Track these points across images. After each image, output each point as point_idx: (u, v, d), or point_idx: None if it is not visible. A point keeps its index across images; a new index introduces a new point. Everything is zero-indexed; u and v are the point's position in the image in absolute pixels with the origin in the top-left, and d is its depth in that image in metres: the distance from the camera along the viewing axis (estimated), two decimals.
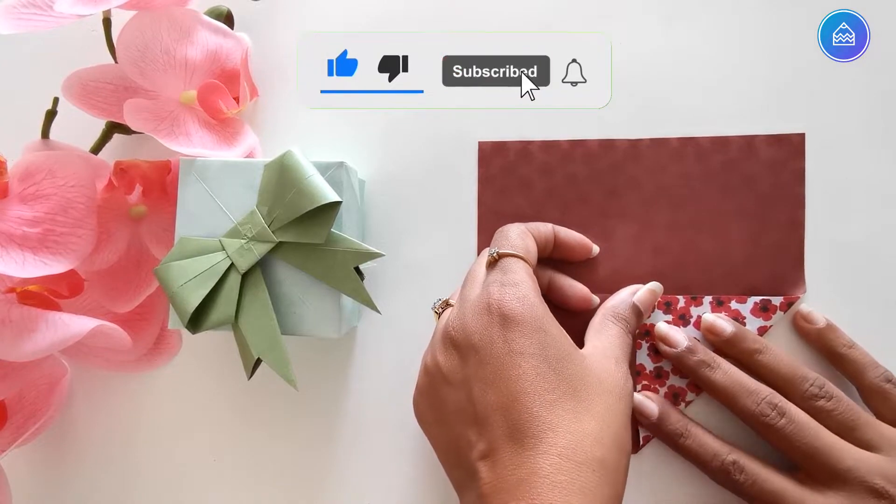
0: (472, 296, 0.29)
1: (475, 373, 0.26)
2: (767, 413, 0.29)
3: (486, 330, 0.27)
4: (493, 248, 0.29)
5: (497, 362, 0.26)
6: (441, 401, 0.28)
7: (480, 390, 0.26)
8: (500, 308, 0.27)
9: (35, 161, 0.31)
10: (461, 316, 0.28)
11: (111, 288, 0.34)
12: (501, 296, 0.27)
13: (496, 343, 0.26)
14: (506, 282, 0.28)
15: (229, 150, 0.33)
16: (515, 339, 0.26)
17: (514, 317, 0.26)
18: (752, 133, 0.33)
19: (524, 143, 0.35)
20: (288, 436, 0.35)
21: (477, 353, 0.27)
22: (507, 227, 0.31)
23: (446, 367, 0.28)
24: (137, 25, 0.32)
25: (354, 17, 0.36)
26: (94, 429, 0.36)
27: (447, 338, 0.28)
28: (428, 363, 0.29)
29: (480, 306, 0.27)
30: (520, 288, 0.27)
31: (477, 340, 0.27)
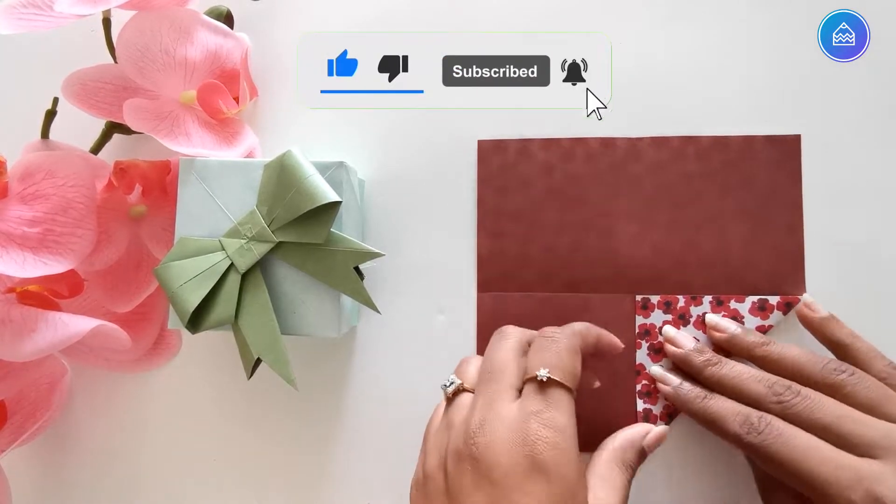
0: (504, 413, 0.25)
1: (480, 500, 0.24)
2: (781, 392, 0.27)
3: (513, 470, 0.24)
4: (542, 368, 0.26)
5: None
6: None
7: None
8: (535, 450, 0.24)
9: (35, 161, 0.31)
10: (487, 435, 0.25)
11: (111, 288, 0.34)
12: (541, 440, 0.24)
13: (518, 490, 0.23)
14: (549, 422, 0.24)
15: (229, 150, 0.33)
16: (540, 497, 0.23)
17: (547, 471, 0.24)
18: (752, 133, 0.33)
19: (524, 141, 0.35)
20: (288, 435, 0.35)
21: (493, 489, 0.24)
22: (559, 337, 0.27)
23: (453, 482, 0.25)
24: (137, 25, 0.32)
25: (354, 17, 0.36)
26: (94, 429, 0.36)
27: (467, 452, 0.25)
28: (433, 466, 0.26)
29: (515, 437, 0.24)
30: (564, 437, 0.24)
31: (498, 477, 0.24)
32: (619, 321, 0.33)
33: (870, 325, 0.32)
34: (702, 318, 0.33)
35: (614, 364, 0.33)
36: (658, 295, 0.33)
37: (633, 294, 0.33)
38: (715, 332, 0.32)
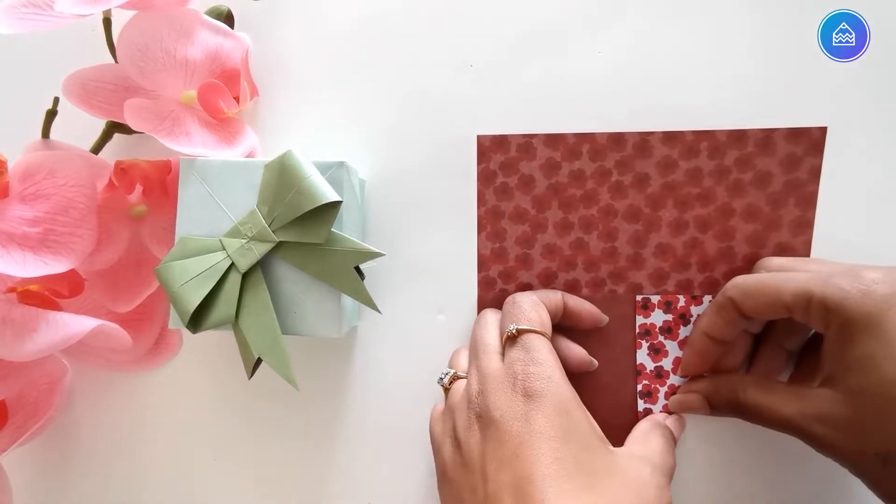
0: (492, 369, 0.28)
1: (493, 451, 0.26)
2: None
3: (509, 406, 0.26)
4: (510, 325, 0.29)
5: (516, 440, 0.25)
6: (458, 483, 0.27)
7: (495, 469, 0.25)
8: (525, 386, 0.26)
9: (35, 161, 0.31)
10: (482, 388, 0.27)
11: (112, 288, 0.34)
12: (526, 374, 0.27)
13: (517, 420, 0.26)
14: (529, 360, 0.27)
15: (229, 150, 0.33)
16: (538, 419, 0.25)
17: (538, 396, 0.26)
18: None
19: (527, 136, 0.34)
20: (288, 435, 0.35)
21: (497, 429, 0.26)
22: (518, 298, 0.31)
23: (466, 447, 0.27)
24: (138, 25, 0.32)
25: (355, 16, 0.36)
26: (94, 428, 0.36)
27: (474, 413, 0.27)
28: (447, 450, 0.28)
29: (504, 382, 0.27)
30: (545, 367, 0.27)
31: (498, 416, 0.26)
32: (620, 321, 0.33)
33: None
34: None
35: (615, 364, 0.33)
36: (658, 295, 0.33)
37: (633, 294, 0.33)
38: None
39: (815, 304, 0.26)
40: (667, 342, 0.33)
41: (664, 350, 0.33)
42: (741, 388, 0.29)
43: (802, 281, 0.27)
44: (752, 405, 0.29)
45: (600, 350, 0.33)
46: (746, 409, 0.29)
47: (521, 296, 0.31)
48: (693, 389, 0.32)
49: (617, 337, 0.33)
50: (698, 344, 0.31)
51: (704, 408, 0.31)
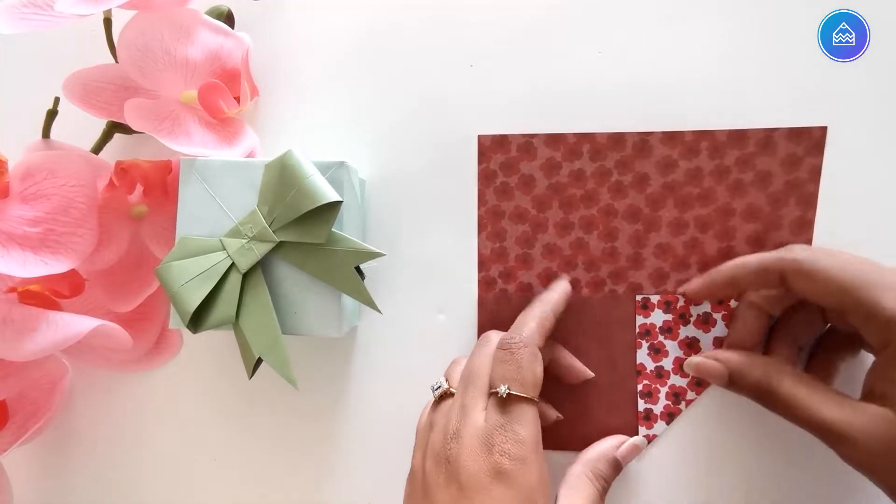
0: (473, 419, 0.27)
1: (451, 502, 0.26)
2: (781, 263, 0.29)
3: (476, 475, 0.26)
4: (502, 385, 0.27)
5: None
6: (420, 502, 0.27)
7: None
8: (499, 462, 0.26)
9: (36, 161, 0.31)
10: (459, 442, 0.27)
11: (112, 287, 0.34)
12: (503, 450, 0.26)
13: (481, 492, 0.25)
14: (511, 436, 0.26)
15: (230, 150, 0.33)
16: (501, 501, 0.25)
17: (508, 478, 0.25)
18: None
19: (527, 136, 0.34)
20: (288, 435, 0.35)
21: (460, 490, 0.26)
22: (517, 345, 0.28)
23: (429, 479, 0.27)
24: (138, 25, 0.32)
25: (355, 16, 0.37)
26: (94, 428, 0.36)
27: (444, 454, 0.27)
28: (418, 461, 0.29)
29: (480, 444, 0.26)
30: (523, 448, 0.26)
31: (464, 479, 0.26)
32: (619, 321, 0.33)
33: None
34: (702, 317, 0.33)
35: (615, 364, 0.33)
36: (658, 295, 0.33)
37: (633, 294, 0.33)
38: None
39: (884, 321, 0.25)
40: (667, 342, 0.33)
41: (664, 350, 0.33)
42: (777, 375, 0.28)
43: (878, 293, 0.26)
44: (785, 396, 0.28)
45: (600, 350, 0.33)
46: (776, 399, 0.28)
47: (521, 342, 0.28)
48: (720, 359, 0.30)
49: (617, 337, 0.33)
50: (744, 313, 0.31)
51: (723, 380, 0.30)
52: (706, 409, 0.33)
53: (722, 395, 0.33)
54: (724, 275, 0.31)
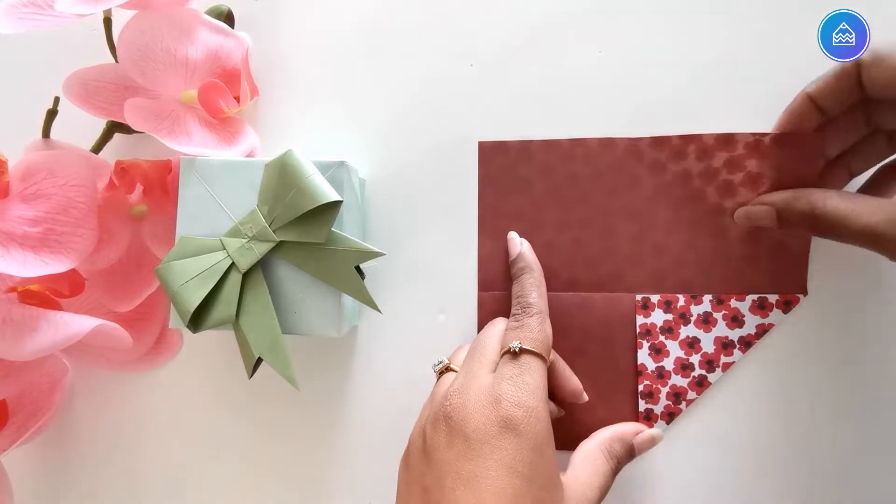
0: (480, 379, 0.27)
1: (454, 463, 0.25)
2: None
3: (484, 426, 0.25)
4: (515, 341, 0.28)
5: (480, 464, 0.24)
6: (413, 473, 0.27)
7: (452, 481, 0.25)
8: (508, 413, 0.25)
9: (36, 160, 0.31)
10: (463, 396, 0.27)
11: (112, 287, 0.34)
12: (512, 399, 0.26)
13: (488, 444, 0.25)
14: (521, 384, 0.26)
15: (230, 150, 0.33)
16: (508, 451, 0.25)
17: (517, 427, 0.25)
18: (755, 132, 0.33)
19: (524, 142, 0.35)
20: (288, 435, 0.35)
21: (466, 443, 0.25)
22: (530, 309, 0.30)
23: (430, 442, 0.26)
24: (138, 25, 0.32)
25: (355, 16, 0.37)
26: (94, 428, 0.36)
27: (442, 412, 0.27)
28: (416, 433, 0.28)
29: (487, 397, 0.26)
30: (532, 398, 0.26)
31: (470, 431, 0.25)
32: (620, 321, 0.33)
33: (871, 323, 0.32)
34: (702, 317, 0.33)
35: (615, 364, 0.33)
36: (658, 294, 0.33)
37: (633, 294, 0.33)
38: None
39: None
40: (668, 342, 0.33)
41: (665, 350, 0.33)
42: (820, 198, 0.29)
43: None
44: (831, 214, 0.28)
45: (601, 350, 0.33)
46: (824, 219, 0.29)
47: (532, 308, 0.30)
48: (765, 202, 0.31)
49: (617, 337, 0.33)
50: (798, 104, 0.31)
51: (773, 220, 0.31)
52: (706, 409, 0.33)
53: (722, 395, 0.33)
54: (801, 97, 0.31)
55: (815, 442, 0.32)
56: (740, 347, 0.33)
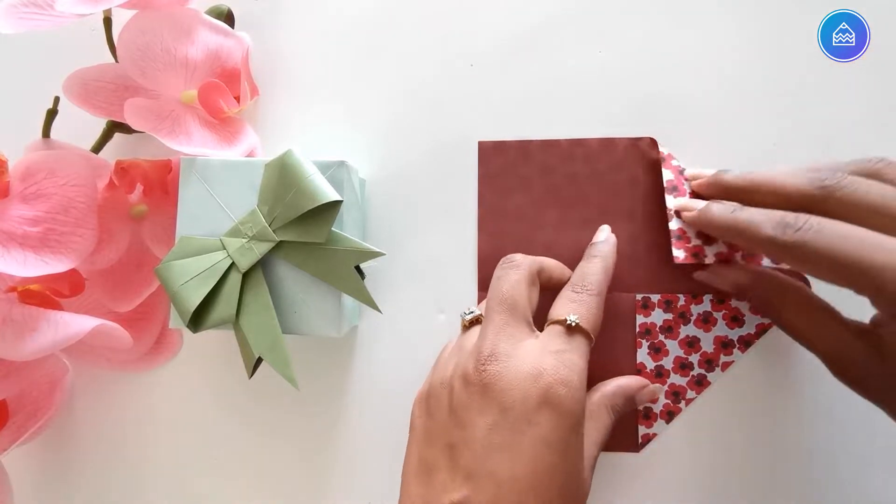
0: (521, 345, 0.26)
1: (487, 430, 0.25)
2: (825, 177, 0.24)
3: (523, 400, 0.25)
4: (572, 314, 0.27)
5: (517, 437, 0.24)
6: (438, 424, 0.27)
7: (484, 448, 0.24)
8: (550, 388, 0.25)
9: (36, 160, 0.31)
10: (501, 363, 0.26)
11: (112, 287, 0.34)
12: (556, 376, 0.25)
13: (525, 418, 0.24)
14: (567, 362, 0.26)
15: (230, 150, 0.33)
16: (545, 427, 0.24)
17: (558, 405, 0.25)
18: (756, 132, 0.33)
19: (524, 142, 0.35)
20: (289, 435, 0.35)
21: (502, 414, 0.25)
22: (592, 290, 0.28)
23: (458, 401, 0.26)
24: (138, 25, 0.32)
25: (355, 15, 0.37)
26: (95, 428, 0.36)
27: (478, 377, 0.26)
28: (437, 381, 0.28)
29: (530, 370, 0.25)
30: (577, 376, 0.26)
31: (508, 403, 0.25)
32: (620, 320, 0.33)
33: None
34: (702, 316, 0.33)
35: (615, 363, 0.33)
36: (658, 294, 0.33)
37: (633, 293, 0.33)
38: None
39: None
40: (667, 341, 0.33)
41: (665, 349, 0.33)
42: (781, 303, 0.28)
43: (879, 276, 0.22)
44: (787, 326, 0.28)
45: (601, 349, 0.33)
46: (781, 325, 0.29)
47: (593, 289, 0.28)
48: (727, 277, 0.30)
49: (617, 336, 0.33)
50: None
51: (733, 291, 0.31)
52: (706, 408, 0.33)
53: (722, 394, 0.33)
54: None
55: (816, 441, 0.32)
56: (740, 347, 0.33)
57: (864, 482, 0.32)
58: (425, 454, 0.27)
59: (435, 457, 0.26)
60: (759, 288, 0.30)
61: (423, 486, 0.26)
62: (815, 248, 0.23)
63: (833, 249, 0.23)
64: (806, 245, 0.24)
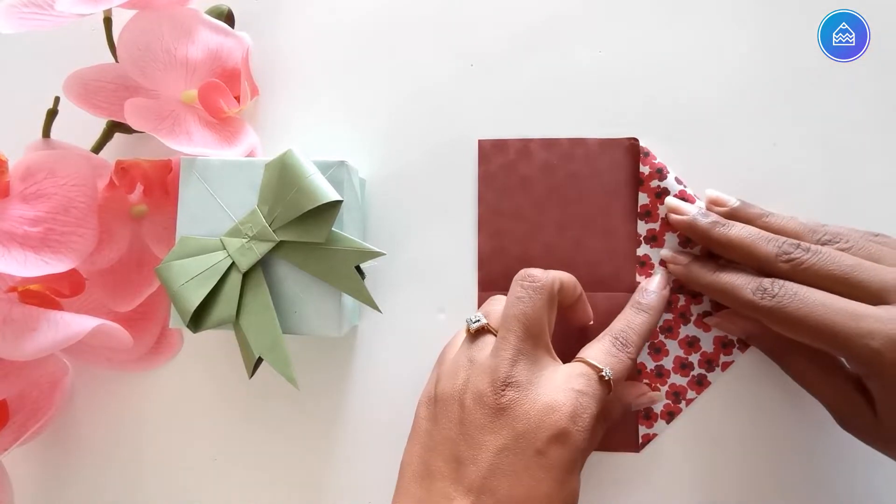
0: (545, 374, 0.27)
1: (496, 452, 0.25)
2: (790, 251, 0.28)
3: (536, 431, 0.25)
4: (608, 369, 0.27)
5: (523, 463, 0.25)
6: (444, 434, 0.27)
7: (490, 469, 0.25)
8: (562, 425, 0.26)
9: (36, 160, 0.31)
10: (521, 391, 0.26)
11: (112, 287, 0.34)
12: (570, 414, 0.26)
13: (534, 447, 0.25)
14: (585, 405, 0.26)
15: (230, 149, 0.33)
16: (551, 459, 0.25)
17: (566, 441, 0.25)
18: (756, 133, 0.33)
19: (524, 141, 0.35)
20: (289, 434, 0.35)
21: (513, 439, 0.25)
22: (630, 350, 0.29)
23: (471, 418, 0.26)
24: (138, 25, 0.32)
25: (356, 15, 0.37)
26: (95, 428, 0.36)
27: (495, 399, 0.26)
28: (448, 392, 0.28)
29: (549, 401, 0.26)
30: (590, 420, 0.26)
31: (521, 430, 0.26)
32: None
33: None
34: (703, 316, 0.33)
35: None
36: None
37: (633, 293, 0.33)
38: (716, 207, 0.32)
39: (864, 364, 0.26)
40: (667, 341, 0.33)
41: (665, 349, 0.33)
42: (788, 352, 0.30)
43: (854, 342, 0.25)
44: (794, 374, 0.30)
45: None
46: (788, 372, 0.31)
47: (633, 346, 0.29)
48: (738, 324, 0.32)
49: None
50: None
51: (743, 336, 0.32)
52: (706, 408, 0.33)
53: (722, 394, 0.33)
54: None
55: (816, 441, 0.32)
56: (740, 347, 0.33)
57: (864, 482, 0.32)
58: (428, 458, 0.27)
59: (438, 465, 0.26)
60: (768, 336, 0.31)
61: (422, 489, 0.26)
62: (788, 314, 0.26)
63: (805, 316, 0.26)
64: (781, 311, 0.26)
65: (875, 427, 0.27)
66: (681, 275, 0.32)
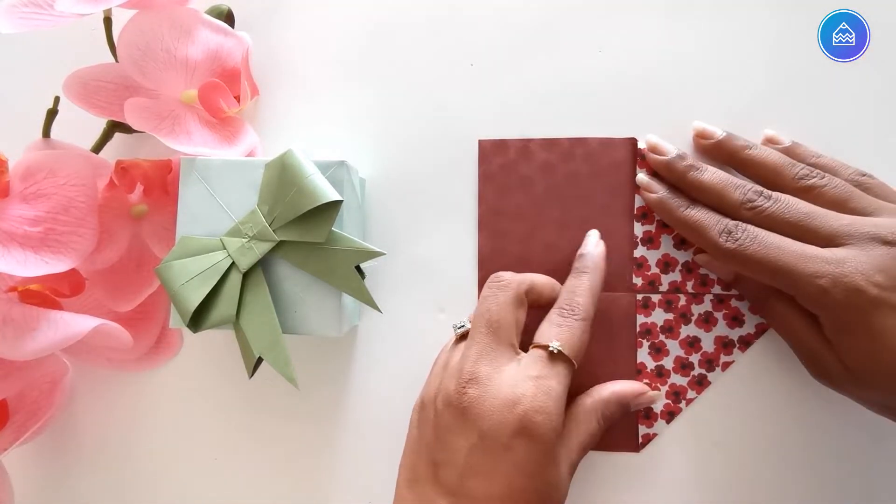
0: (501, 370, 0.27)
1: (467, 452, 0.26)
2: (754, 199, 0.29)
3: (499, 427, 0.26)
4: (555, 341, 0.28)
5: (493, 461, 0.26)
6: (425, 440, 0.28)
7: (463, 470, 0.26)
8: (526, 417, 0.26)
9: (36, 160, 0.31)
10: (480, 388, 0.27)
11: (112, 287, 0.34)
12: (533, 404, 0.26)
13: (501, 443, 0.26)
14: (545, 389, 0.27)
15: (230, 149, 0.33)
16: (520, 453, 0.26)
17: (532, 432, 0.26)
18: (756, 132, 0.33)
19: (524, 140, 0.35)
20: (289, 434, 0.35)
21: (480, 439, 0.26)
22: (578, 313, 0.29)
23: (441, 421, 0.27)
24: (138, 24, 0.32)
25: (355, 15, 0.37)
26: (95, 427, 0.36)
27: (457, 400, 0.27)
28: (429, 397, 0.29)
29: (507, 396, 0.26)
30: (555, 403, 0.26)
31: (486, 429, 0.26)
32: (620, 320, 0.33)
33: None
34: (703, 316, 0.33)
35: (615, 363, 0.33)
36: (658, 294, 0.33)
37: (633, 293, 0.33)
38: (702, 140, 0.33)
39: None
40: (668, 341, 0.33)
41: (665, 349, 0.33)
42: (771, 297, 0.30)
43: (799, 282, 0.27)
44: (774, 320, 0.31)
45: (601, 349, 0.33)
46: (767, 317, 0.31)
47: (579, 313, 0.29)
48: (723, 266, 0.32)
49: (617, 336, 0.33)
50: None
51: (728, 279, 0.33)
52: (706, 408, 0.33)
53: (722, 394, 0.33)
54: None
55: (815, 441, 0.32)
56: (740, 347, 0.33)
57: (864, 482, 0.32)
58: (415, 463, 0.28)
59: (422, 469, 0.28)
60: (751, 280, 0.31)
61: (413, 493, 0.28)
62: (748, 256, 0.28)
63: (762, 258, 0.27)
64: (742, 253, 0.28)
65: (843, 372, 0.27)
66: (653, 203, 0.32)
